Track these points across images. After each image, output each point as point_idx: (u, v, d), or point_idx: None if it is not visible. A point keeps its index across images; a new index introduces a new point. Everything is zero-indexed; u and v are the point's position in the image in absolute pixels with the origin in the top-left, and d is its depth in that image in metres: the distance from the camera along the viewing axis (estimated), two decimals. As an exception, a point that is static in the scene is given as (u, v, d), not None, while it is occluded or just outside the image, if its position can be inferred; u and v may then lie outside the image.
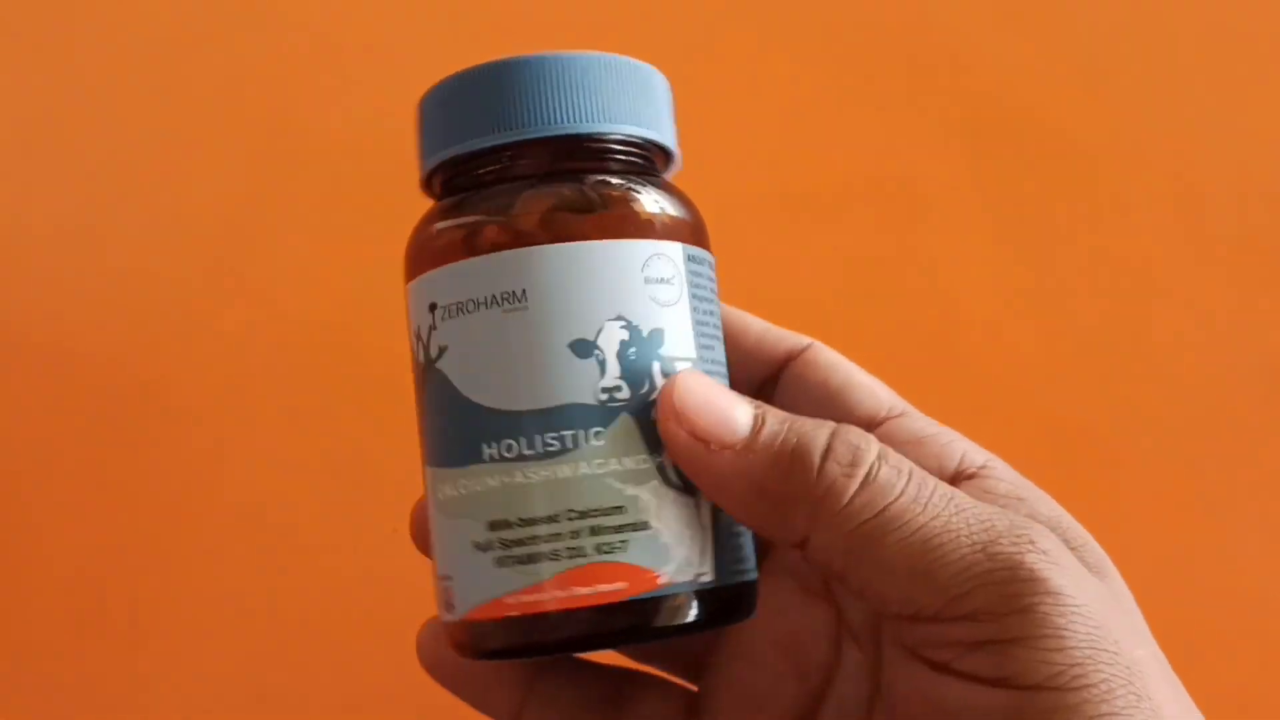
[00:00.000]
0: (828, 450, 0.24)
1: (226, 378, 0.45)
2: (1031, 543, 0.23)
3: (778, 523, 0.24)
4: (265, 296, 0.46)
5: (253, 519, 0.44)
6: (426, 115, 0.27)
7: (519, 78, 0.26)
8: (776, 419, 0.25)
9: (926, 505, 0.24)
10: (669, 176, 0.28)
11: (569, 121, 0.26)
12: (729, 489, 0.24)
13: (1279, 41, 0.49)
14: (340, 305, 0.46)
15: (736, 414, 0.25)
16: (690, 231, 0.27)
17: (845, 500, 0.24)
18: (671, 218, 0.26)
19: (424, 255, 0.26)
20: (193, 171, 0.47)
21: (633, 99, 0.26)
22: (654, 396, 0.25)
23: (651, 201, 0.26)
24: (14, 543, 0.44)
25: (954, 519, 0.24)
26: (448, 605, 0.26)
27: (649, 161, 0.27)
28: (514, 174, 0.26)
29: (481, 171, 0.26)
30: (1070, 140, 0.48)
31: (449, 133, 0.26)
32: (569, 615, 0.24)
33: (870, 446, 0.24)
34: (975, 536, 0.23)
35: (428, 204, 0.28)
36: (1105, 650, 0.22)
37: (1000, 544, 0.23)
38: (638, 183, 0.26)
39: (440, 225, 0.26)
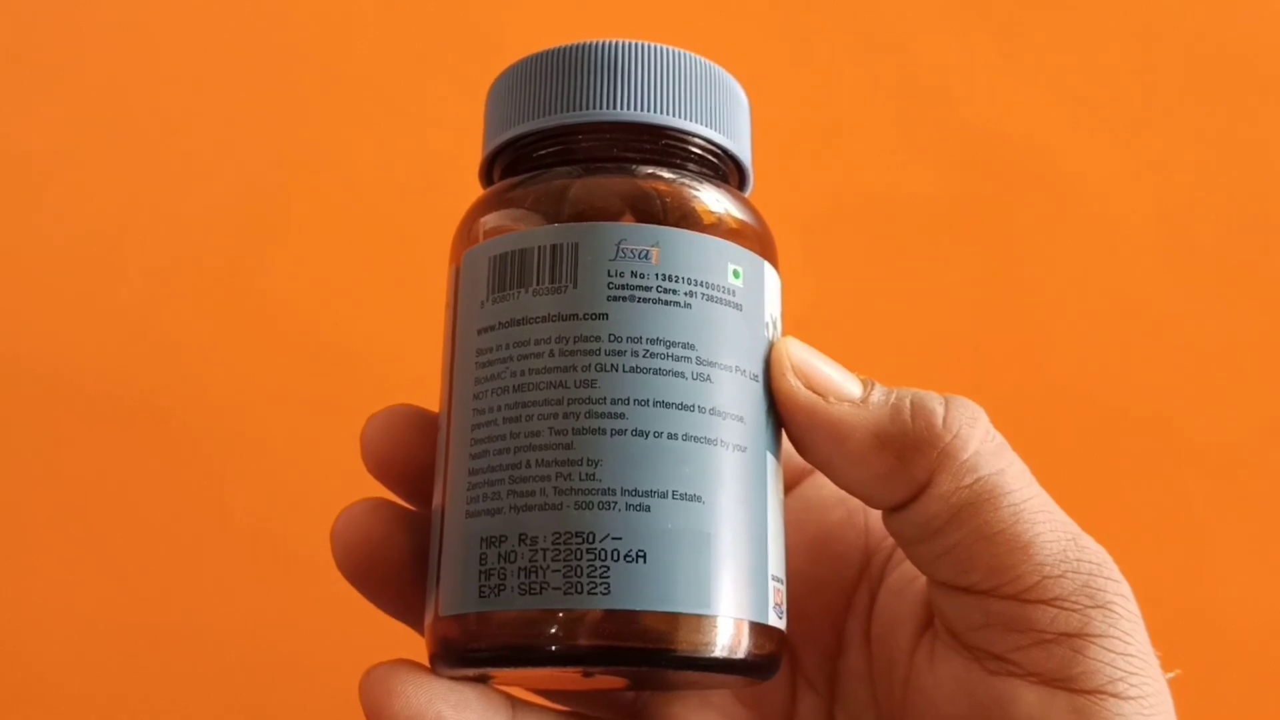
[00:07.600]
0: (947, 404, 0.24)
1: (236, 390, 0.46)
2: (1102, 549, 0.24)
3: (897, 471, 0.24)
4: (276, 309, 0.47)
5: (262, 531, 0.45)
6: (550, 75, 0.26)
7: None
8: (882, 385, 0.25)
9: (1032, 481, 0.24)
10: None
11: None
12: (848, 439, 0.24)
13: (1259, 72, 0.51)
14: (351, 318, 0.46)
15: (846, 375, 0.25)
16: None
17: (973, 449, 0.23)
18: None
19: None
20: (205, 185, 0.48)
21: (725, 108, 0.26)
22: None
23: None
24: (20, 554, 0.44)
25: (1050, 502, 0.24)
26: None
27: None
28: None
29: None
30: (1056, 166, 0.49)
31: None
32: None
33: (982, 411, 0.24)
34: (1067, 526, 0.24)
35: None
36: (1151, 662, 0.23)
37: (1085, 539, 0.24)
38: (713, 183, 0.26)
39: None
